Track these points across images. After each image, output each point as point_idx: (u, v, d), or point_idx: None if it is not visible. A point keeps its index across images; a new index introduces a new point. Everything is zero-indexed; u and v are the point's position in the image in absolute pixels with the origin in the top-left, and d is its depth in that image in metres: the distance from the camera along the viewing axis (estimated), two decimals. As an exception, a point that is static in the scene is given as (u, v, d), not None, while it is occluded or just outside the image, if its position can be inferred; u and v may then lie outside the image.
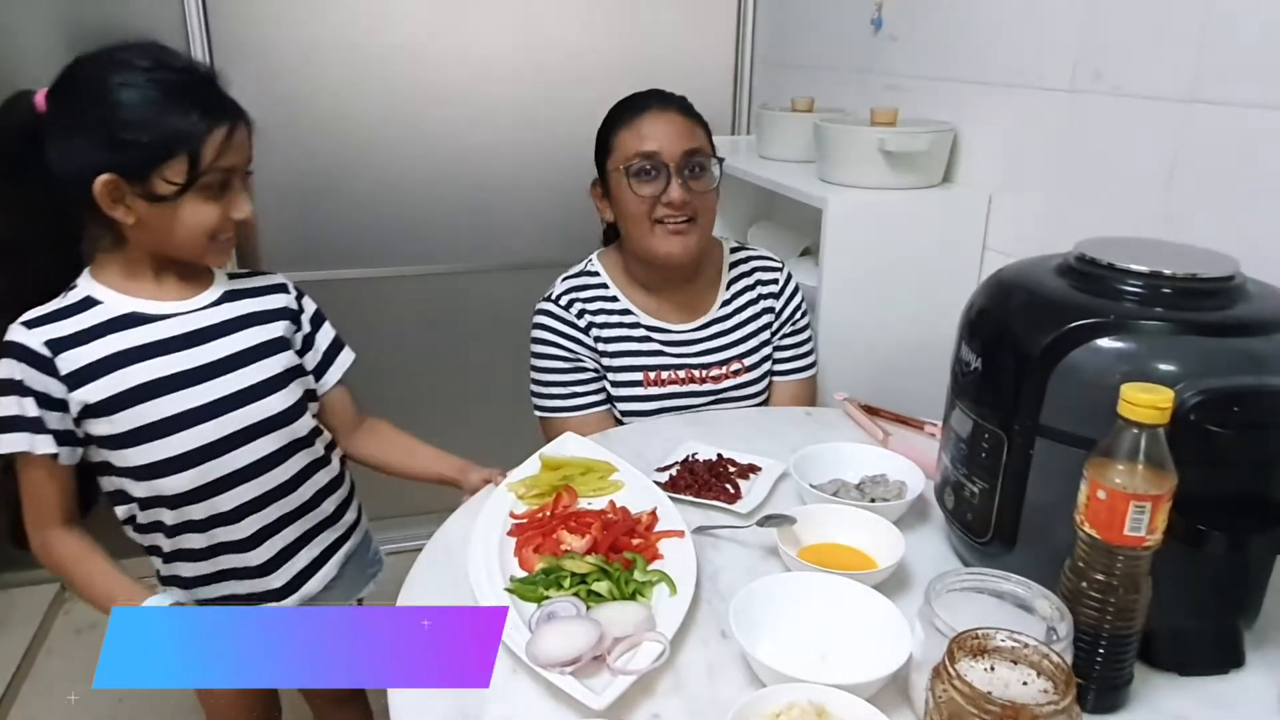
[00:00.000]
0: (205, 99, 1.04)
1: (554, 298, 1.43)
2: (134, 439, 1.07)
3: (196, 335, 1.13)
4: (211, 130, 1.02)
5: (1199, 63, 1.15)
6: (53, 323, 1.05)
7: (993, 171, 1.55)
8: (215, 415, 1.11)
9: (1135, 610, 0.76)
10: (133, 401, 1.07)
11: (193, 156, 1.01)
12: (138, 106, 1.00)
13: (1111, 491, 0.73)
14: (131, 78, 1.01)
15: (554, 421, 1.42)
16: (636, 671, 0.78)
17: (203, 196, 1.04)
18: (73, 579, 1.12)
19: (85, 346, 1.05)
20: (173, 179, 1.02)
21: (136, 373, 1.07)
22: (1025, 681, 0.67)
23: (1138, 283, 0.86)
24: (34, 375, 1.03)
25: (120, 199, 1.02)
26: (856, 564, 0.97)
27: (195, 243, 1.07)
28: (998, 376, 0.90)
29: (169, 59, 1.05)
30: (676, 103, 1.38)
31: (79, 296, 1.08)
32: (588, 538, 0.98)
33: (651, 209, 1.34)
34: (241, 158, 1.08)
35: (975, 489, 0.93)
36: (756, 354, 1.46)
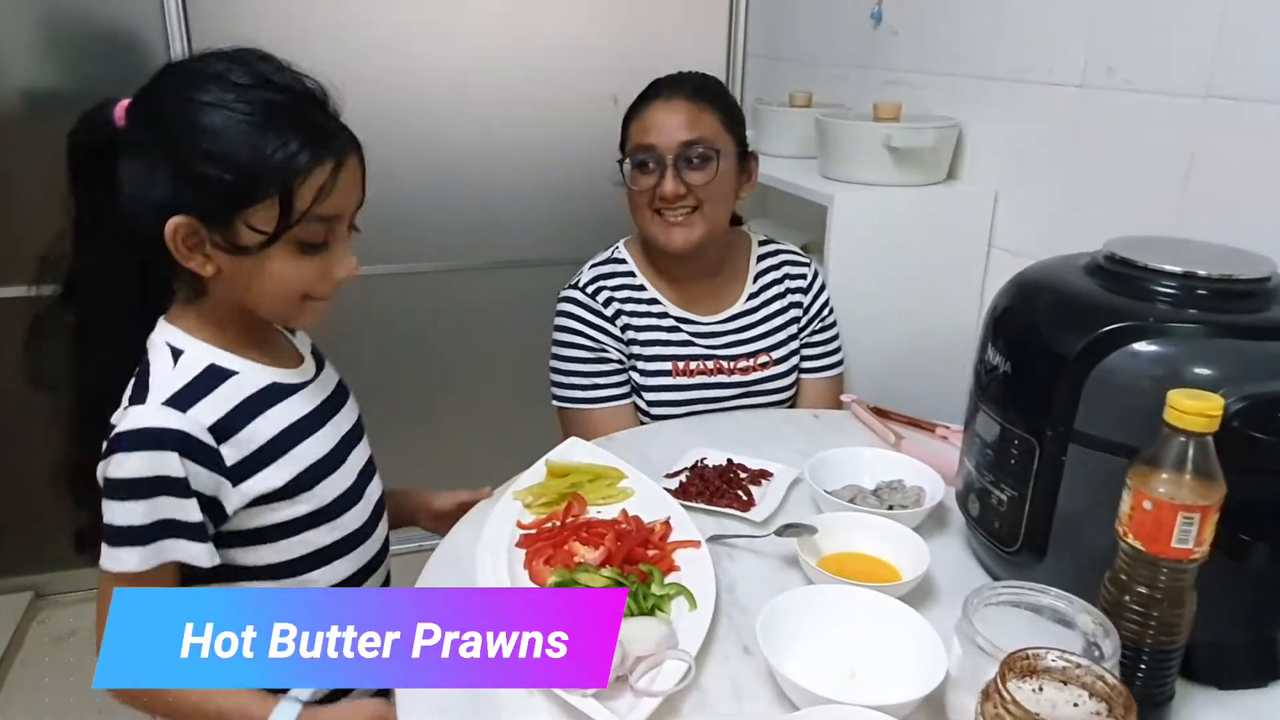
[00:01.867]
0: (308, 127, 0.84)
1: (580, 285, 1.39)
2: (294, 528, 0.93)
3: (328, 406, 0.99)
4: (312, 169, 0.83)
5: (1216, 58, 1.13)
6: (200, 401, 0.86)
7: (998, 168, 1.53)
8: (360, 495, 0.98)
9: (1179, 625, 0.74)
10: (305, 486, 0.92)
11: (285, 199, 0.82)
12: (222, 134, 0.81)
13: (1158, 502, 0.70)
14: (221, 96, 0.82)
15: (573, 413, 1.38)
16: (662, 693, 0.75)
17: (296, 249, 0.85)
18: (197, 708, 0.90)
19: (250, 427, 0.88)
20: (260, 226, 0.82)
21: (307, 451, 0.93)
22: (1076, 703, 0.64)
23: (1171, 284, 0.83)
24: (198, 472, 0.84)
25: (198, 247, 0.84)
26: (879, 575, 0.93)
27: (285, 304, 0.89)
28: (1028, 380, 0.87)
29: (271, 74, 0.85)
30: (687, 89, 1.33)
31: (200, 365, 0.88)
32: (601, 549, 0.94)
33: (650, 200, 1.31)
34: (349, 203, 0.88)
35: (1003, 496, 0.90)
36: (784, 348, 1.43)
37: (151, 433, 0.83)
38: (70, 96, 2.00)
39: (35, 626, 2.25)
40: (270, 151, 0.81)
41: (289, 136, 0.82)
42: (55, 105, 2.00)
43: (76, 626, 2.25)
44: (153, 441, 0.83)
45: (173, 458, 0.83)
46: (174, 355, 0.88)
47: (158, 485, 0.83)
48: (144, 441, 0.83)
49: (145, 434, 0.83)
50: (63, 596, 2.34)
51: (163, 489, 0.83)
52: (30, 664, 2.13)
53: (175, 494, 0.83)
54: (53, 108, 2.00)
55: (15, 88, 1.97)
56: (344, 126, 0.88)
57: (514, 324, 2.43)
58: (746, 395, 1.42)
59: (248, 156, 0.81)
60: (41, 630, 2.24)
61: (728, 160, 1.32)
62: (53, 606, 2.32)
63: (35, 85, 1.99)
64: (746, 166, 1.38)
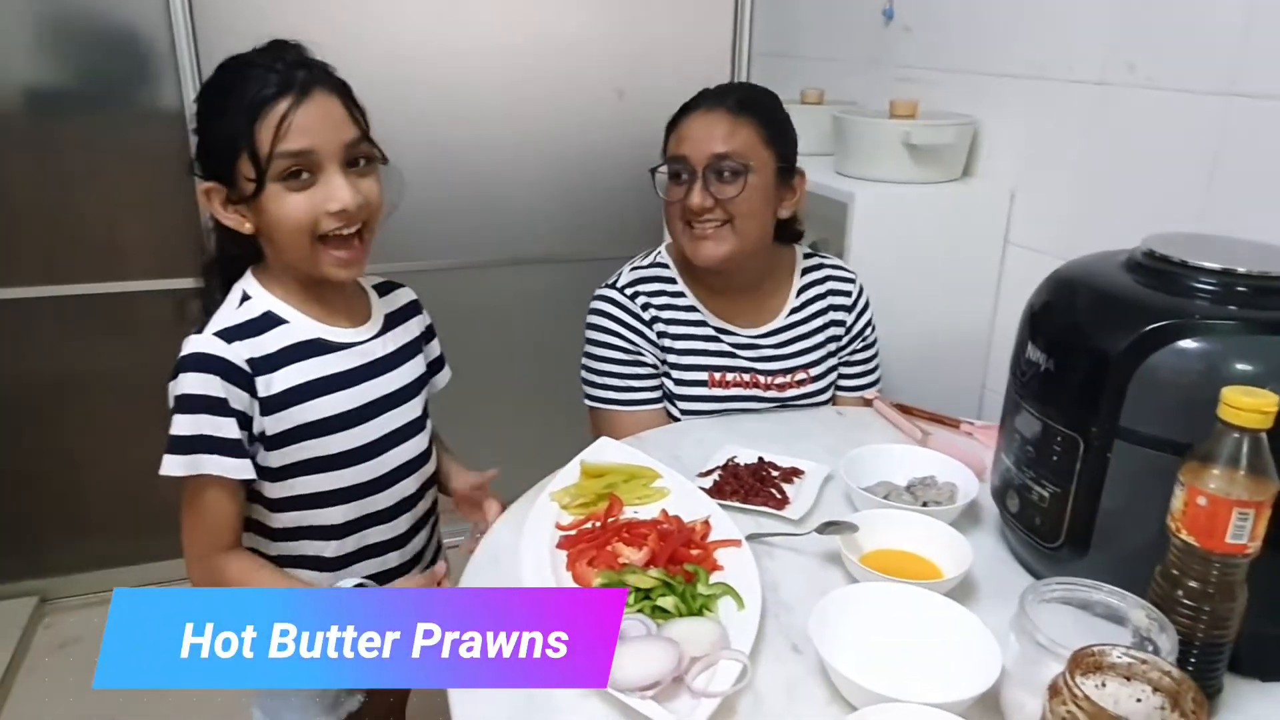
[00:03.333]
0: (266, 74, 0.93)
1: (619, 285, 1.37)
2: (290, 472, 1.02)
3: (367, 370, 1.06)
4: (265, 109, 0.91)
5: (1241, 55, 1.14)
6: (248, 338, 0.97)
7: (1015, 166, 1.53)
8: (374, 455, 1.06)
9: (1230, 618, 0.75)
10: (306, 436, 1.01)
11: (248, 144, 0.92)
12: (209, 103, 0.95)
13: (1213, 498, 0.71)
14: (217, 76, 0.96)
15: (605, 414, 1.37)
16: (721, 694, 0.75)
17: (284, 188, 0.94)
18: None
19: (280, 372, 0.98)
20: (247, 174, 0.93)
21: (319, 406, 1.01)
22: (1139, 699, 0.65)
23: (1211, 280, 0.84)
24: (236, 394, 0.95)
25: (229, 207, 0.97)
26: (921, 571, 0.94)
27: (296, 246, 0.96)
28: (1071, 377, 0.88)
29: (260, 54, 0.96)
30: (731, 100, 1.29)
31: (259, 310, 1.00)
32: (645, 549, 0.94)
33: (682, 211, 1.29)
34: (319, 137, 0.93)
35: (1045, 492, 0.91)
36: (823, 364, 1.41)
37: (200, 357, 0.95)
38: (77, 95, 1.99)
39: (41, 632, 2.23)
40: (235, 104, 0.92)
41: (252, 88, 0.92)
42: (62, 103, 1.99)
43: (81, 632, 2.22)
44: (201, 364, 0.94)
45: (215, 380, 0.94)
46: (242, 299, 1.01)
47: (201, 403, 0.94)
48: (194, 364, 0.94)
49: (196, 358, 0.95)
50: (67, 601, 2.32)
51: (204, 407, 0.94)
52: (36, 670, 2.11)
53: (215, 412, 0.94)
54: (59, 106, 1.99)
55: (22, 85, 1.94)
56: (311, 67, 0.96)
57: (521, 320, 2.43)
58: (781, 411, 1.41)
59: (225, 114, 0.93)
60: (47, 635, 2.22)
61: (761, 175, 1.28)
62: (57, 612, 2.29)
63: (42, 83, 1.97)
64: (790, 182, 1.34)
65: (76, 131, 1.99)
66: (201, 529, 0.99)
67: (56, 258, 2.06)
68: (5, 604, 2.25)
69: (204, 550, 1.00)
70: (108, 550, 2.31)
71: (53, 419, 2.18)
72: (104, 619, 1.88)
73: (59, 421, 2.17)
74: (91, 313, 2.09)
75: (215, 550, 1.00)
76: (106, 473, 2.23)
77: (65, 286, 2.06)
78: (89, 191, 2.02)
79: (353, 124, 0.98)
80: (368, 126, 1.00)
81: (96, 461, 2.23)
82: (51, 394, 2.15)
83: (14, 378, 2.14)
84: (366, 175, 0.99)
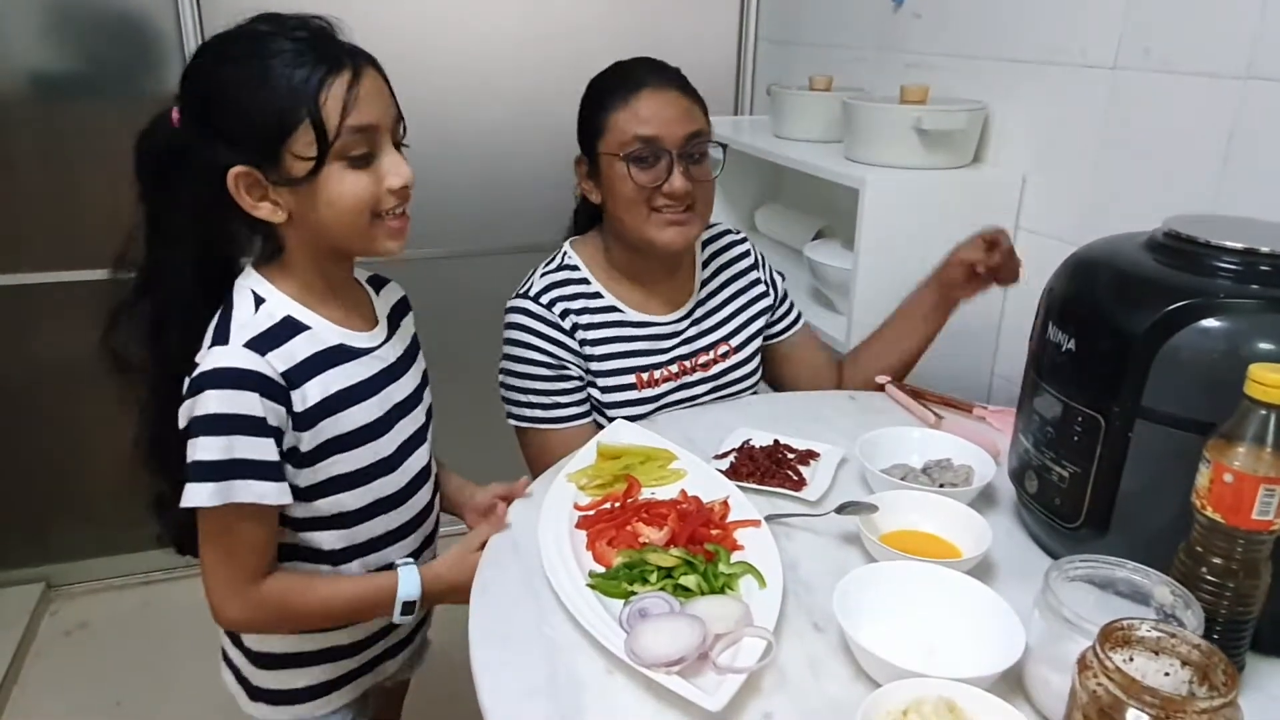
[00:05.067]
0: (316, 49, 0.87)
1: (534, 295, 1.27)
2: (318, 492, 0.96)
3: (386, 375, 1.02)
4: (330, 83, 0.86)
5: (1258, 37, 1.13)
6: (277, 347, 0.90)
7: (1026, 151, 1.53)
8: (397, 465, 1.02)
9: (1255, 595, 0.75)
10: (337, 449, 0.95)
11: (315, 119, 0.85)
12: (245, 82, 0.86)
13: (1239, 475, 0.71)
14: (236, 50, 0.88)
15: (533, 433, 1.28)
16: (746, 669, 0.75)
17: (346, 165, 0.89)
18: (324, 603, 0.98)
19: (312, 383, 0.92)
20: (303, 153, 0.86)
21: (350, 417, 0.96)
22: (1167, 672, 0.65)
23: (1233, 260, 0.84)
24: (275, 410, 0.88)
25: (263, 194, 0.89)
26: (939, 551, 0.94)
27: (356, 226, 0.91)
28: (1093, 358, 0.88)
29: (279, 22, 0.90)
30: (673, 78, 1.24)
31: (279, 314, 0.93)
32: (666, 529, 0.94)
33: (650, 197, 1.21)
34: (379, 113, 0.91)
35: (1064, 472, 0.91)
36: (743, 333, 1.39)
37: (233, 372, 0.87)
38: (83, 81, 1.98)
39: (48, 618, 2.23)
40: (288, 80, 0.85)
41: (302, 62, 0.86)
42: (68, 90, 1.98)
43: (87, 619, 2.23)
44: (234, 380, 0.87)
45: (253, 397, 0.87)
46: (256, 302, 0.93)
47: (237, 423, 0.87)
48: (226, 380, 0.87)
49: (228, 373, 0.87)
50: (74, 587, 2.32)
51: (241, 427, 0.87)
52: (43, 655, 2.11)
53: (252, 433, 0.87)
54: (65, 92, 1.98)
55: (27, 71, 1.94)
56: (352, 46, 0.92)
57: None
58: (714, 392, 1.37)
59: (270, 91, 0.86)
60: (53, 622, 2.22)
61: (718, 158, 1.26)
62: (64, 598, 2.30)
63: (47, 69, 1.96)
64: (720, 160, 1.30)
65: (81, 118, 1.98)
66: (234, 561, 0.92)
67: (61, 243, 2.06)
68: (12, 590, 2.25)
69: (239, 584, 0.93)
70: (114, 536, 2.30)
71: (59, 405, 2.18)
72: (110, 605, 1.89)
73: (65, 408, 2.16)
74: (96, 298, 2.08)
75: (253, 580, 0.93)
76: (112, 459, 2.22)
77: (70, 272, 2.05)
78: (94, 178, 2.01)
79: (395, 101, 0.95)
80: None
81: (102, 448, 2.22)
82: (58, 380, 2.14)
83: (20, 363, 2.14)
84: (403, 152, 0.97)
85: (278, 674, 1.07)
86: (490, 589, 0.92)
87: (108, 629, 2.20)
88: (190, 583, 2.28)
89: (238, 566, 0.92)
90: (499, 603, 0.90)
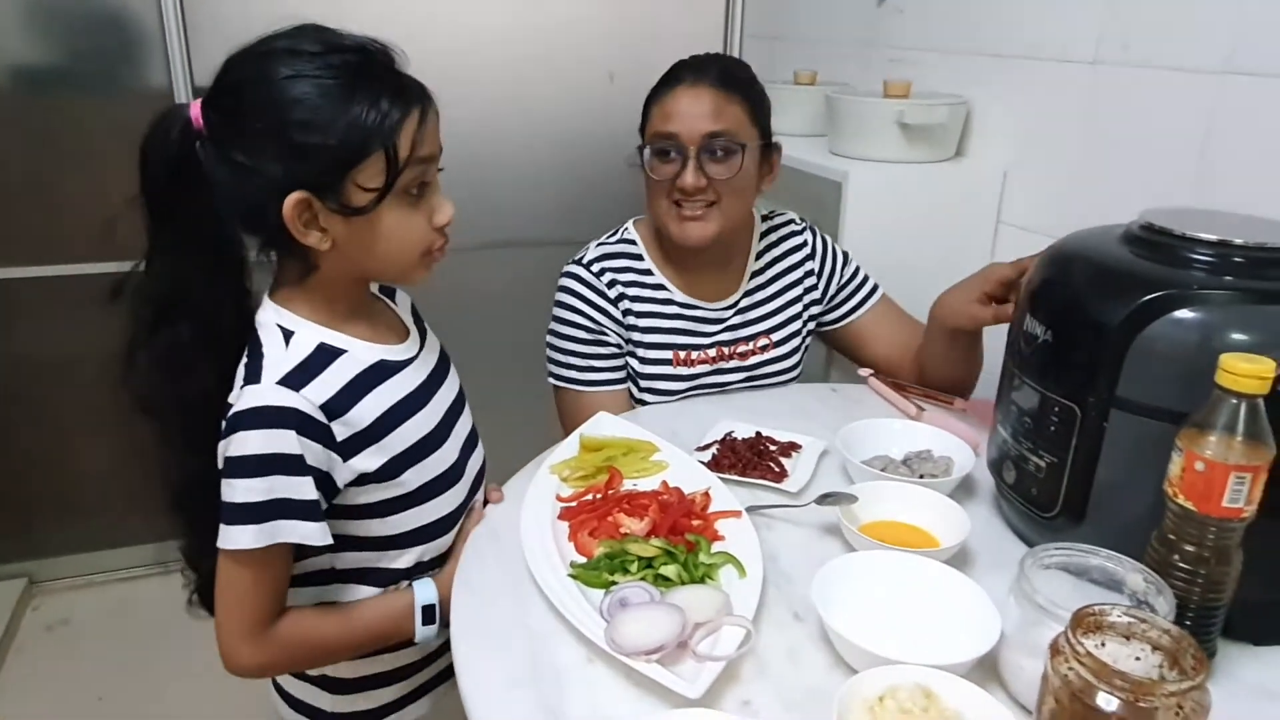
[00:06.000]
0: (390, 80, 0.85)
1: (585, 261, 1.34)
2: (390, 508, 0.93)
3: (431, 382, 0.99)
4: (406, 118, 0.84)
5: (1236, 33, 1.15)
6: (312, 381, 0.86)
7: (1007, 145, 1.54)
8: (462, 470, 0.99)
9: (1226, 582, 0.76)
10: (411, 461, 0.93)
11: (389, 151, 0.83)
12: (314, 102, 0.81)
13: (1210, 463, 0.72)
14: (301, 67, 0.82)
15: (567, 393, 1.36)
16: (725, 657, 0.76)
17: (404, 202, 0.87)
18: (340, 632, 0.94)
19: (359, 406, 0.89)
20: (369, 184, 0.83)
21: (414, 428, 0.94)
22: (1138, 657, 0.66)
23: (1207, 252, 0.85)
24: (313, 448, 0.85)
25: (313, 221, 0.84)
26: (918, 541, 0.95)
27: (406, 261, 0.90)
28: (1070, 349, 0.89)
29: (336, 40, 0.86)
30: (712, 74, 1.26)
31: (310, 345, 0.88)
32: (646, 520, 0.94)
33: (670, 190, 1.26)
34: (437, 147, 0.89)
35: (1042, 463, 0.92)
36: (786, 328, 1.40)
37: (268, 411, 0.84)
38: (65, 77, 1.96)
39: (29, 614, 2.22)
40: (364, 109, 0.82)
41: (377, 92, 0.83)
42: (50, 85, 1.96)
43: (69, 614, 2.22)
44: (270, 420, 0.83)
45: (289, 435, 0.83)
46: (285, 336, 0.89)
47: (275, 463, 0.83)
48: (261, 420, 0.83)
49: (263, 412, 0.84)
50: (56, 583, 2.31)
51: (279, 467, 0.83)
52: (25, 651, 2.10)
53: (291, 472, 0.84)
54: (47, 88, 1.96)
55: (9, 67, 1.92)
56: (415, 80, 0.89)
57: (510, 305, 2.42)
58: (748, 381, 1.40)
59: (345, 118, 0.82)
60: (35, 618, 2.21)
61: (751, 154, 1.26)
62: (46, 593, 2.29)
63: (30, 64, 1.94)
64: (770, 158, 1.32)
65: (64, 113, 1.97)
66: (254, 603, 0.88)
67: (45, 238, 2.04)
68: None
69: (254, 629, 0.88)
70: (96, 532, 2.30)
71: (43, 401, 2.16)
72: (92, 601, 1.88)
73: (49, 403, 2.15)
74: (82, 293, 2.07)
75: (268, 623, 0.89)
76: (96, 455, 2.22)
77: (55, 267, 2.04)
78: (75, 173, 2.00)
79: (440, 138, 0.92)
80: None
81: (86, 444, 2.21)
82: (41, 375, 2.13)
83: (3, 359, 2.12)
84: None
85: (351, 698, 1.03)
86: (473, 580, 0.92)
87: (90, 625, 2.19)
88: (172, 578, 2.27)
89: (255, 609, 0.88)
90: (481, 593, 0.90)
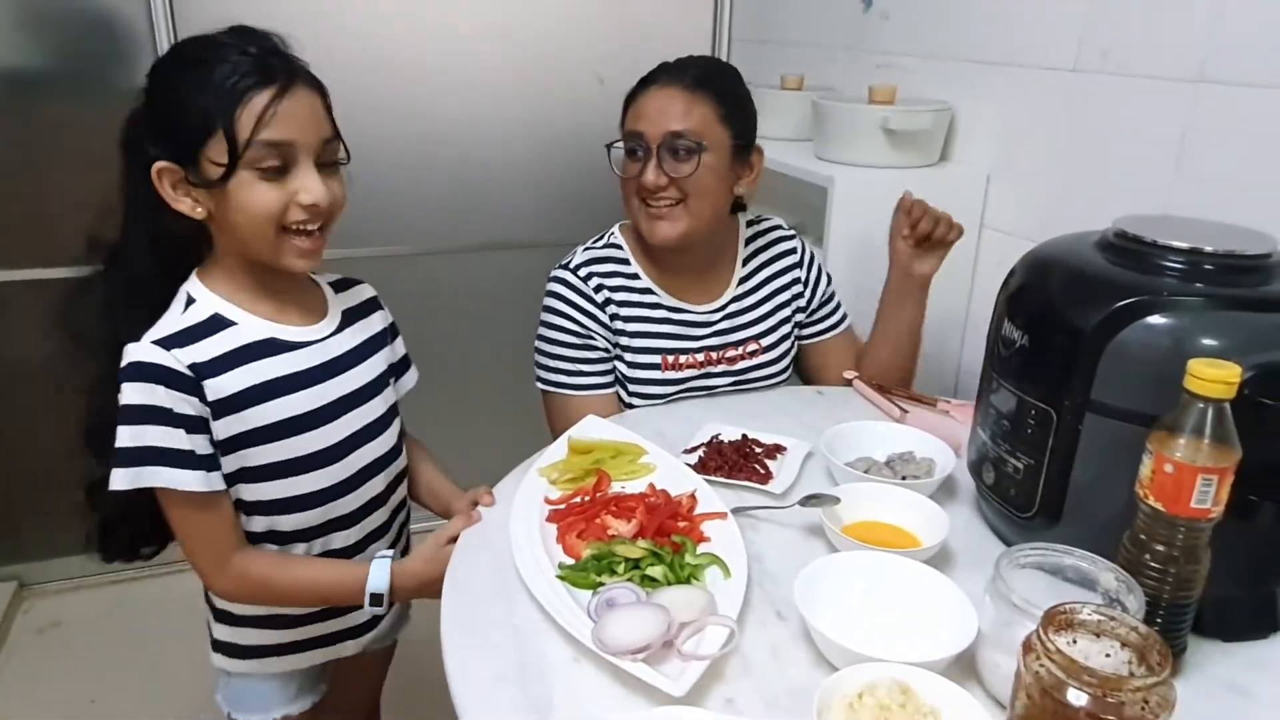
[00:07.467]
0: (248, 61, 0.92)
1: (572, 267, 1.35)
2: (259, 475, 1.01)
3: (329, 367, 1.05)
4: (249, 96, 0.90)
5: (1208, 42, 1.17)
6: (191, 344, 0.95)
7: (990, 151, 1.57)
8: (341, 456, 1.05)
9: (1195, 580, 0.78)
10: (268, 438, 1.00)
11: (227, 128, 0.90)
12: (177, 85, 0.93)
13: (1179, 465, 0.74)
14: (189, 54, 0.94)
15: (556, 397, 1.36)
16: (709, 656, 0.77)
17: (257, 176, 0.92)
18: (295, 586, 1.05)
19: (230, 374, 0.97)
20: (216, 158, 0.91)
21: (278, 408, 1.00)
22: (1108, 654, 0.68)
23: (1179, 259, 0.87)
24: (180, 400, 0.93)
25: (184, 190, 0.94)
26: (899, 541, 0.97)
27: (263, 235, 0.95)
28: (1046, 354, 0.91)
29: (238, 36, 0.95)
30: (688, 76, 1.27)
31: (206, 313, 0.98)
32: (634, 521, 0.96)
33: (638, 189, 1.28)
34: (298, 131, 0.94)
35: (1019, 464, 0.94)
36: (775, 333, 1.42)
37: (142, 366, 0.93)
38: (54, 78, 1.96)
39: (20, 617, 2.22)
40: (217, 89, 0.90)
41: (230, 71, 0.91)
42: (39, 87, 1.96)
43: (60, 617, 2.22)
44: (143, 374, 0.93)
45: (159, 389, 0.93)
46: (187, 303, 0.98)
47: (145, 413, 0.93)
48: (136, 373, 0.93)
49: (135, 367, 0.93)
50: (47, 586, 2.31)
51: (149, 417, 0.93)
52: (16, 654, 2.10)
53: (161, 422, 0.93)
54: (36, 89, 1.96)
55: (-1, 69, 1.92)
56: (292, 64, 0.96)
57: (497, 307, 2.44)
58: (735, 385, 1.41)
59: (195, 95, 0.91)
60: (26, 620, 2.21)
61: (716, 154, 1.26)
62: (37, 596, 2.29)
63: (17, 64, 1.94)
64: (747, 159, 1.32)
65: (52, 115, 1.97)
66: (200, 542, 1.00)
67: (31, 241, 2.04)
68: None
69: (216, 560, 1.00)
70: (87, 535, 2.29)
71: (31, 403, 2.16)
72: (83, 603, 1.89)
73: (37, 406, 2.15)
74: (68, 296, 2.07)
75: (227, 555, 1.00)
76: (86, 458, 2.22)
77: (41, 270, 2.04)
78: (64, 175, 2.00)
79: (329, 122, 0.99)
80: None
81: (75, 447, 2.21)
82: (29, 378, 2.13)
83: (-8, 361, 2.12)
84: (334, 174, 1.00)
85: (235, 630, 1.12)
86: (462, 580, 0.94)
87: (80, 627, 2.19)
88: (163, 581, 2.28)
89: (206, 546, 1.00)
90: (470, 593, 0.92)
